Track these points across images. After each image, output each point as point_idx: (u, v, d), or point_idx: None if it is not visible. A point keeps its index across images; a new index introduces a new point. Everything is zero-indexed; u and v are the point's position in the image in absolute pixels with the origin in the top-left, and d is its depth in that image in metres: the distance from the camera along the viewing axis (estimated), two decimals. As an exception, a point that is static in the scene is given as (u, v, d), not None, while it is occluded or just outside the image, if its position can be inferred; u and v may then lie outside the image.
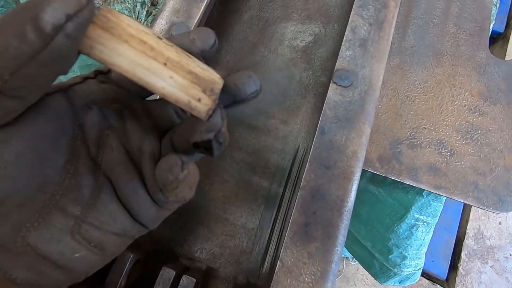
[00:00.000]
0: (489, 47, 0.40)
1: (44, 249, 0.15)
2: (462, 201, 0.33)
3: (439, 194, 0.34)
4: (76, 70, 0.48)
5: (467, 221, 0.95)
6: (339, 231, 0.25)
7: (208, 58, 0.18)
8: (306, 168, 0.27)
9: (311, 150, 0.27)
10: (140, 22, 0.16)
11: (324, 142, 0.28)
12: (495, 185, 0.33)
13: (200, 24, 0.35)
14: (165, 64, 0.14)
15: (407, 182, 0.34)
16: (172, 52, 0.14)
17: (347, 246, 0.59)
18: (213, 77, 0.15)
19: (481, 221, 1.26)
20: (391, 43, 0.38)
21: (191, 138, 0.16)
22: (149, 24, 0.45)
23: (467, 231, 0.96)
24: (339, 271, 1.27)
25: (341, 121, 0.28)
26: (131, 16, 0.44)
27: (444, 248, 0.92)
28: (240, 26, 0.43)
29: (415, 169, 0.34)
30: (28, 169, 0.14)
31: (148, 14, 0.45)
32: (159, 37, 0.15)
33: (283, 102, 0.39)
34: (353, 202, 0.26)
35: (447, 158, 0.35)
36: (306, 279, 0.23)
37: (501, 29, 0.65)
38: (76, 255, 0.16)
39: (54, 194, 0.15)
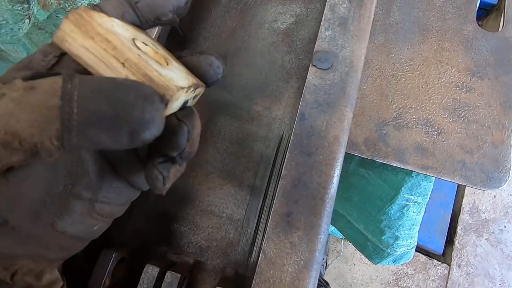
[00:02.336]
0: (482, 20, 0.39)
1: (71, 232, 0.18)
2: (449, 180, 0.32)
3: (426, 175, 0.33)
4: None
5: (462, 196, 0.96)
6: (322, 219, 0.24)
7: (180, 15, 0.18)
8: (286, 156, 0.26)
9: (291, 138, 0.26)
10: (129, 25, 0.17)
11: (305, 128, 0.27)
12: (482, 162, 0.33)
13: (172, 10, 0.33)
14: (123, 64, 0.15)
15: (394, 164, 0.33)
16: (134, 55, 0.15)
17: (341, 229, 0.60)
18: (168, 83, 0.15)
19: (476, 195, 1.28)
20: (375, 20, 0.37)
21: (158, 147, 0.18)
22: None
23: (462, 206, 0.97)
24: (337, 252, 1.29)
25: (322, 106, 0.27)
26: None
27: (440, 223, 0.93)
28: (218, 10, 0.41)
29: (402, 150, 0.34)
30: (41, 168, 0.15)
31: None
32: (134, 39, 0.16)
33: (265, 88, 0.37)
34: (336, 189, 0.25)
35: (434, 137, 0.34)
36: (290, 269, 0.23)
37: (494, 0, 0.62)
38: (95, 228, 0.19)
39: (66, 185, 0.17)
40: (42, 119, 0.12)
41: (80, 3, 0.42)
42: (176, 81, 0.16)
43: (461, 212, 0.94)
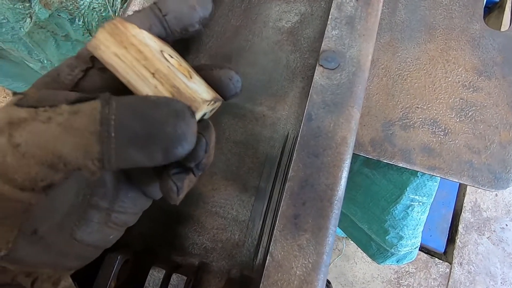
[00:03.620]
0: (484, 18, 0.38)
1: (88, 241, 0.18)
2: (456, 181, 0.32)
3: (433, 175, 0.33)
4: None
5: (464, 195, 0.96)
6: (330, 221, 0.24)
7: (205, 25, 0.18)
8: (293, 157, 0.25)
9: (298, 139, 0.26)
10: (156, 37, 0.17)
11: (312, 129, 0.26)
12: (490, 162, 0.32)
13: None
14: (153, 74, 0.16)
15: (401, 165, 0.33)
16: (163, 66, 0.16)
17: (344, 229, 0.59)
18: (195, 96, 0.16)
19: (478, 194, 1.27)
20: (381, 19, 0.36)
21: None
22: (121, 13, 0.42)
23: (464, 205, 0.97)
24: (339, 250, 1.29)
25: (329, 106, 0.27)
26: (105, 4, 0.42)
27: (442, 222, 0.93)
28: (222, 9, 0.41)
29: (409, 151, 0.33)
30: (70, 181, 0.16)
31: (124, 1, 0.43)
32: (162, 51, 0.16)
33: (270, 87, 0.37)
34: (344, 190, 0.25)
35: (441, 138, 0.34)
36: (298, 272, 0.23)
37: (497, -3, 0.62)
38: (111, 237, 0.20)
39: (85, 195, 0.17)
40: (85, 142, 0.13)
41: (82, 2, 0.41)
42: (201, 93, 0.16)
43: (462, 210, 0.94)
